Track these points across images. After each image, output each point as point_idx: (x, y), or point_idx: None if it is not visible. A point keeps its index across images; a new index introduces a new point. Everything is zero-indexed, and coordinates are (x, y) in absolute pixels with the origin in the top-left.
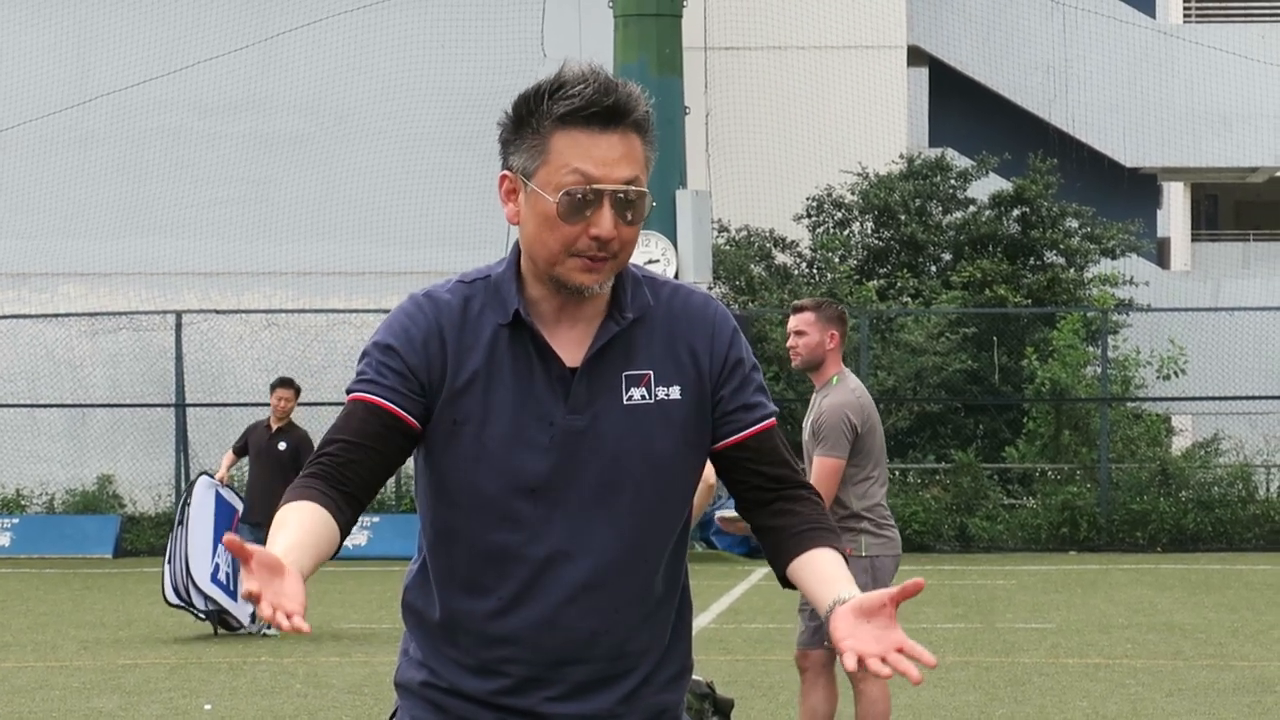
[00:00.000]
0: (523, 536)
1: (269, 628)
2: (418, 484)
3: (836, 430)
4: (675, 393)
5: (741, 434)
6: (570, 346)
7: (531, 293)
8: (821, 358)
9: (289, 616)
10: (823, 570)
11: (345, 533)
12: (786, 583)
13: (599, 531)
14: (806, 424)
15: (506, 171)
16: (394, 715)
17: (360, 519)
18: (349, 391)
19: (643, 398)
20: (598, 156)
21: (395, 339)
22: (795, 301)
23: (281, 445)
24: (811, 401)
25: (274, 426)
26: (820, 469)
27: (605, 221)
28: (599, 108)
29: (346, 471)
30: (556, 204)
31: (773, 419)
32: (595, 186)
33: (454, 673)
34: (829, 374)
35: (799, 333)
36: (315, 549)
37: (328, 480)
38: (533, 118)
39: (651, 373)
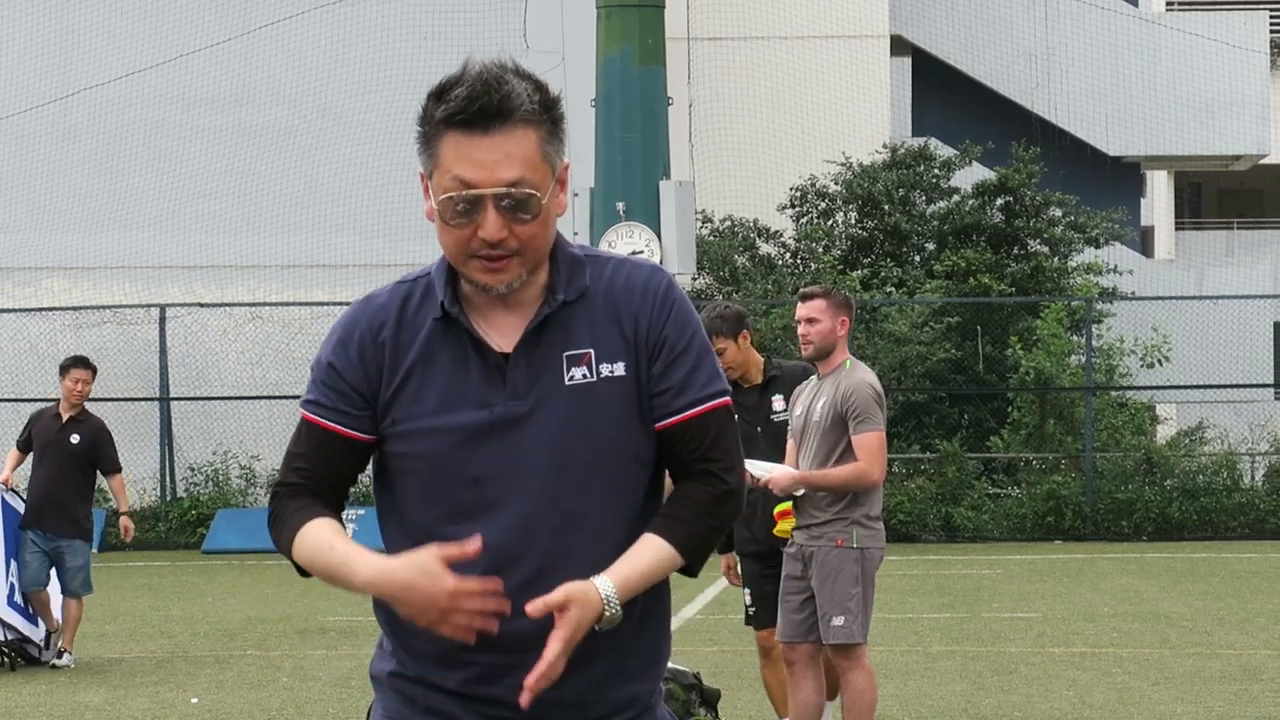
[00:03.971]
0: (471, 527)
1: (59, 657)
2: (373, 480)
3: (869, 404)
4: (619, 369)
5: (665, 421)
6: (507, 332)
7: (465, 286)
8: (833, 345)
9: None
10: (628, 551)
11: None
12: None
13: (550, 516)
14: (816, 408)
15: (421, 171)
16: (371, 708)
17: (345, 512)
18: (303, 403)
19: (584, 376)
20: (476, 160)
21: (335, 357)
22: (804, 289)
23: (74, 437)
24: (810, 389)
25: (65, 415)
26: (866, 444)
27: (489, 225)
28: (474, 110)
29: (320, 484)
30: (438, 209)
31: (701, 406)
32: (472, 193)
33: (421, 663)
34: (839, 360)
35: (811, 320)
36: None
37: (317, 495)
38: (427, 122)
39: (592, 350)
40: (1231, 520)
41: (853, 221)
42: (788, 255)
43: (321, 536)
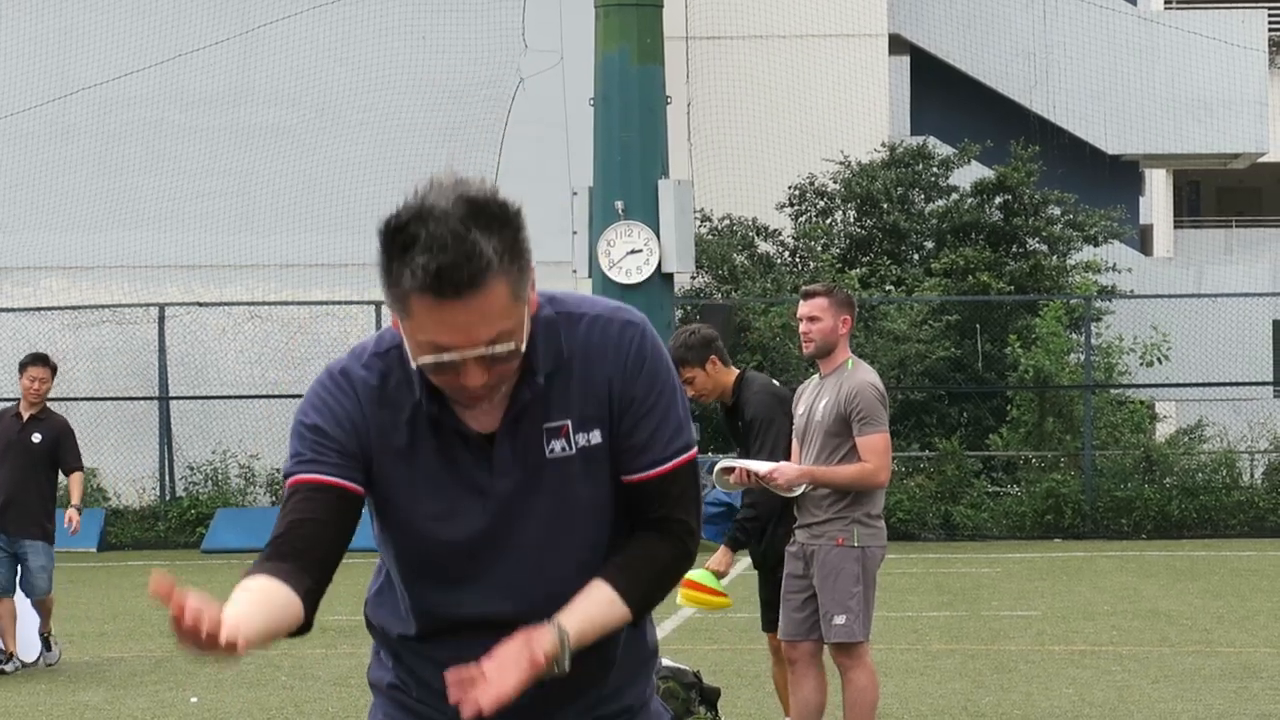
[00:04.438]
0: (462, 595)
1: (7, 663)
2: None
3: (873, 405)
4: (596, 436)
5: (629, 477)
6: (489, 411)
7: None
8: (835, 343)
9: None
10: (578, 597)
11: (311, 600)
12: None
13: (536, 579)
14: (818, 408)
15: (386, 298)
16: (371, 711)
17: None
18: (286, 475)
19: (563, 449)
20: (450, 325)
21: (321, 419)
22: (806, 287)
23: (36, 436)
24: (813, 388)
25: (25, 414)
26: (872, 445)
27: (472, 379)
28: (447, 284)
29: (301, 544)
30: (419, 368)
31: (664, 466)
32: (450, 356)
33: (422, 690)
34: (840, 359)
35: (813, 319)
36: (266, 613)
37: (284, 557)
38: (389, 272)
39: (569, 422)
40: (1231, 518)
41: (851, 220)
42: (786, 254)
43: (231, 598)
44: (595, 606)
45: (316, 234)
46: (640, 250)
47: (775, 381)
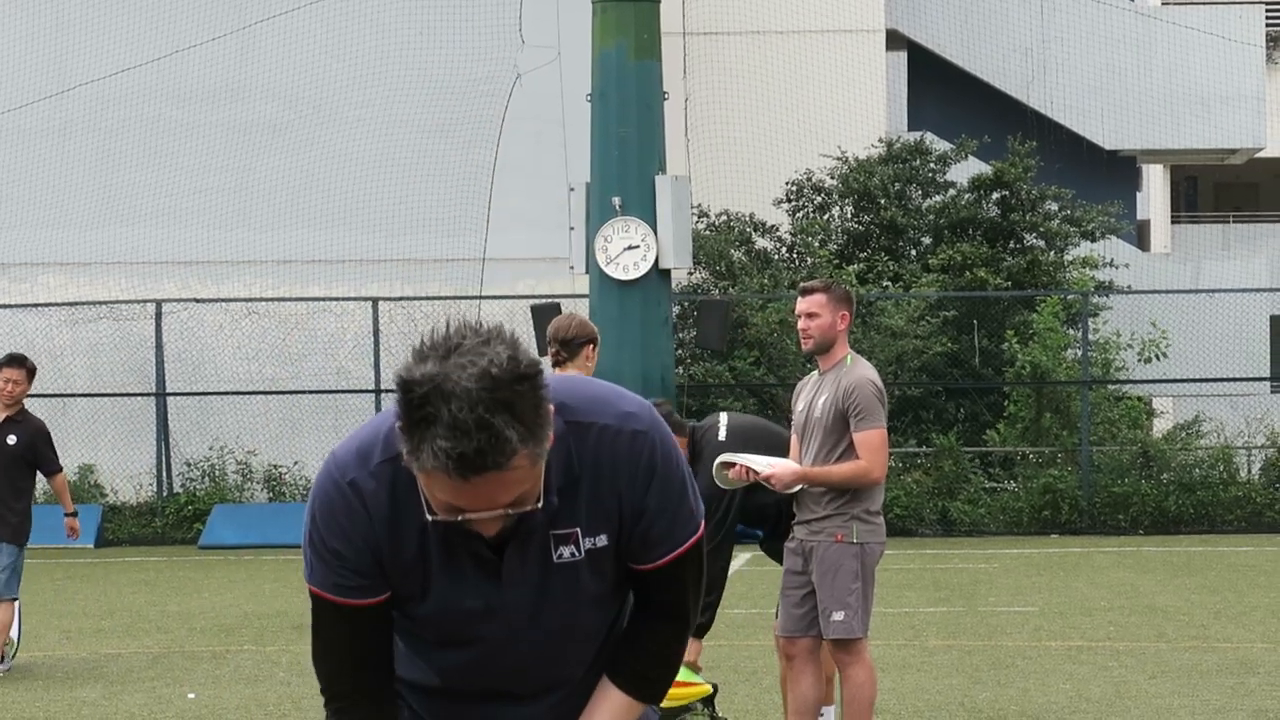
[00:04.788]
0: (470, 670)
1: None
2: None
3: (871, 401)
4: (603, 540)
5: (638, 566)
6: (491, 532)
7: None
8: (833, 339)
9: None
10: (597, 709)
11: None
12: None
13: (543, 669)
14: (818, 404)
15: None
16: None
17: None
18: (315, 585)
19: (572, 555)
20: (470, 495)
21: (339, 543)
22: (804, 284)
23: (11, 439)
24: (812, 385)
25: (1, 416)
26: (868, 442)
27: (488, 530)
28: (469, 469)
29: (375, 679)
30: (435, 521)
31: (674, 553)
32: (468, 517)
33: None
34: (839, 355)
35: (811, 315)
36: None
37: (361, 693)
38: (409, 436)
39: (578, 529)
40: (1228, 514)
41: (849, 216)
42: (784, 249)
43: None
44: (611, 718)
45: (314, 230)
46: (637, 246)
47: (721, 426)
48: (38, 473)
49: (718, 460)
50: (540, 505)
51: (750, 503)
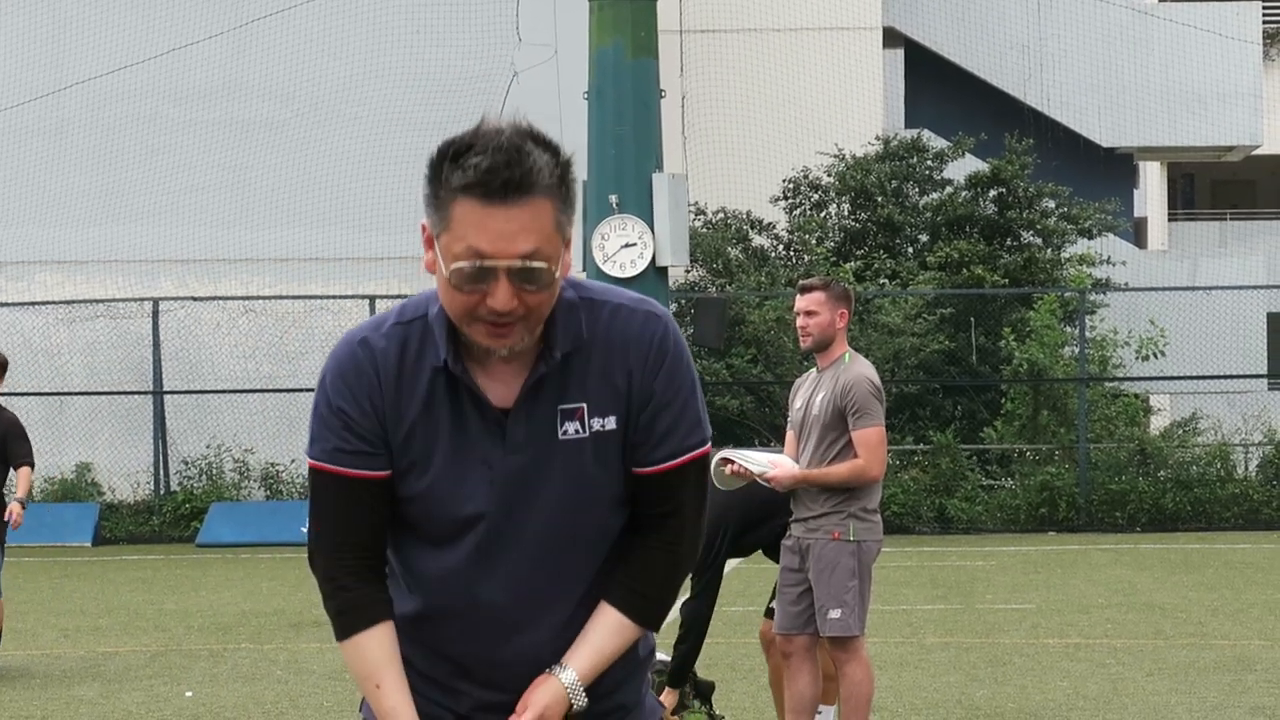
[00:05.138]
0: (464, 577)
1: None
2: None
3: (868, 399)
4: (610, 423)
5: (640, 469)
6: (506, 383)
7: (464, 336)
8: (832, 337)
9: None
10: (589, 628)
11: (388, 596)
12: None
13: (540, 563)
14: (815, 401)
15: (425, 222)
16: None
17: None
18: (317, 459)
19: (577, 432)
20: (493, 230)
21: (344, 402)
22: (803, 281)
23: None
24: (810, 382)
25: None
26: (866, 440)
27: (500, 296)
28: (496, 182)
29: (372, 554)
30: (449, 277)
31: (677, 459)
32: (487, 263)
33: (413, 678)
34: (838, 353)
35: (810, 313)
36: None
37: (361, 575)
38: (438, 179)
39: (585, 405)
40: (1225, 511)
41: (846, 213)
42: (781, 247)
43: (376, 663)
44: (604, 641)
45: (311, 228)
46: (634, 244)
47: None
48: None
49: (716, 456)
50: (555, 281)
51: (744, 541)
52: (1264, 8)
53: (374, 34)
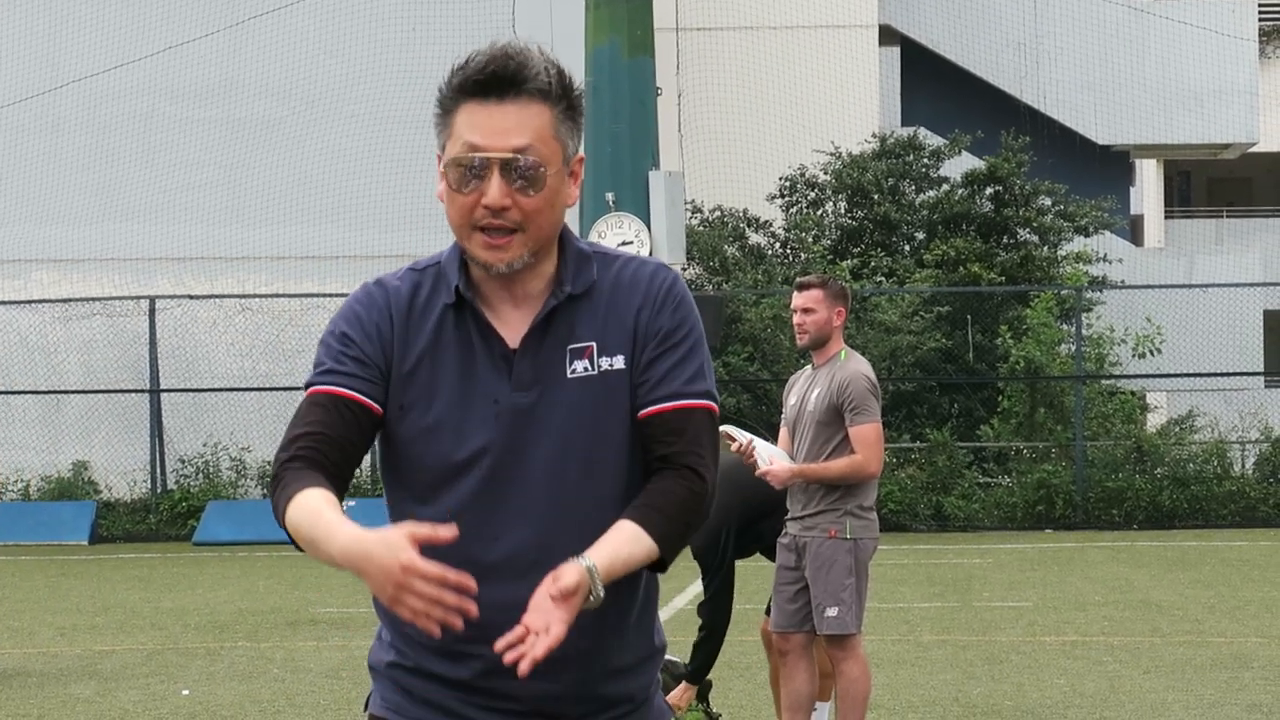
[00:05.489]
0: (474, 519)
1: None
2: (381, 476)
3: (865, 395)
4: (619, 362)
5: (645, 410)
6: (515, 325)
7: (475, 273)
8: (829, 335)
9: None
10: (606, 534)
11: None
12: None
13: (549, 507)
14: (811, 399)
15: (437, 151)
16: (369, 697)
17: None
18: (309, 385)
19: (585, 370)
20: (487, 126)
21: (350, 327)
22: (801, 279)
23: None
24: (804, 379)
25: None
26: (863, 436)
27: (493, 190)
28: (489, 75)
29: (327, 458)
30: (447, 174)
31: (682, 401)
32: (479, 155)
33: (420, 653)
34: (833, 350)
35: (807, 310)
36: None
37: (318, 468)
38: (444, 95)
39: (594, 344)
40: (1222, 508)
41: (842, 211)
42: (777, 245)
43: (313, 505)
44: (620, 542)
45: (307, 226)
46: (631, 242)
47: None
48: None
49: (724, 430)
50: (547, 181)
51: (746, 539)
52: (1260, 5)
53: (369, 32)
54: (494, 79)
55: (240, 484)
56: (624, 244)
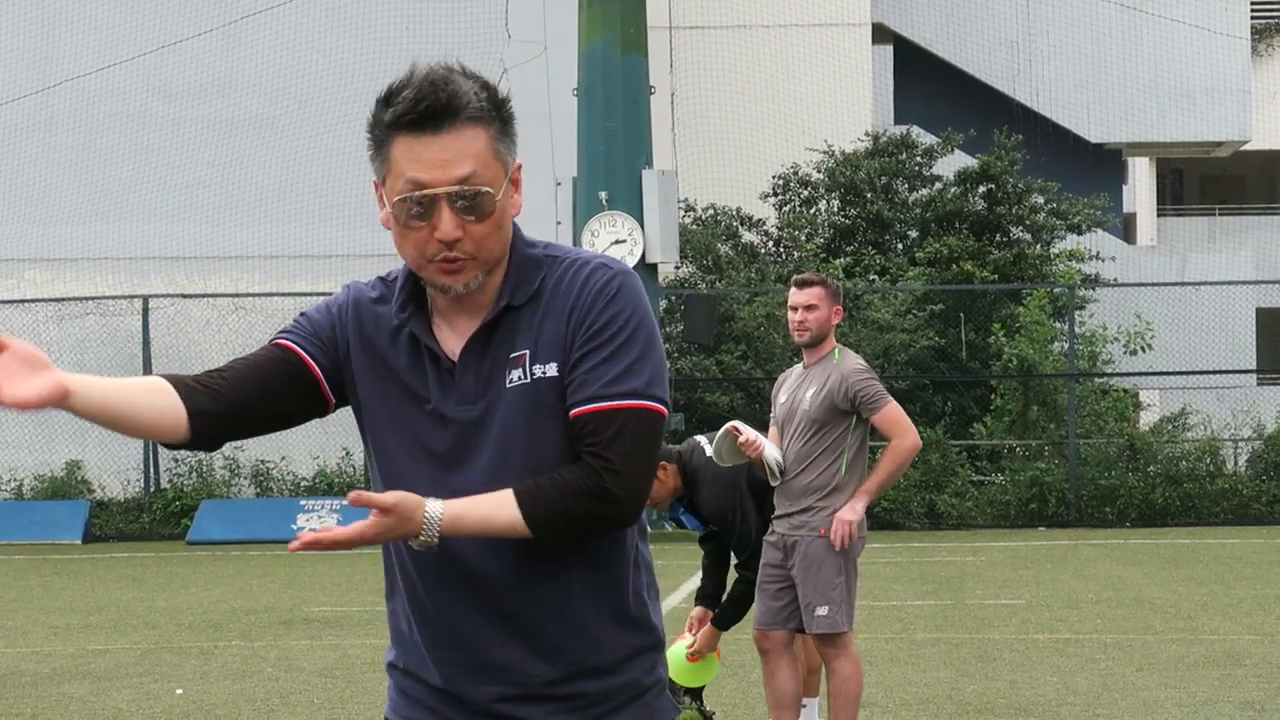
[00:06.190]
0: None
1: None
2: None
3: (872, 383)
4: (552, 369)
5: (572, 412)
6: (463, 335)
7: (429, 290)
8: (827, 333)
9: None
10: (481, 495)
11: (199, 418)
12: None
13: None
14: (805, 397)
15: (375, 179)
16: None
17: (329, 502)
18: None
19: (520, 378)
20: (426, 160)
21: (313, 311)
22: (801, 276)
23: None
24: (796, 377)
25: None
26: (889, 419)
27: (445, 225)
28: (420, 111)
29: (223, 376)
30: (393, 213)
31: (601, 404)
32: (425, 192)
33: (411, 656)
34: (827, 349)
35: (810, 308)
36: (123, 391)
37: (195, 380)
38: (376, 128)
39: (527, 352)
40: (1214, 506)
41: (835, 209)
42: (770, 243)
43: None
44: (486, 502)
45: (301, 225)
46: (624, 240)
47: (704, 444)
48: None
49: (726, 426)
50: (494, 206)
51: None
52: (1252, 3)
53: (363, 31)
54: (428, 112)
55: (233, 483)
56: (617, 242)
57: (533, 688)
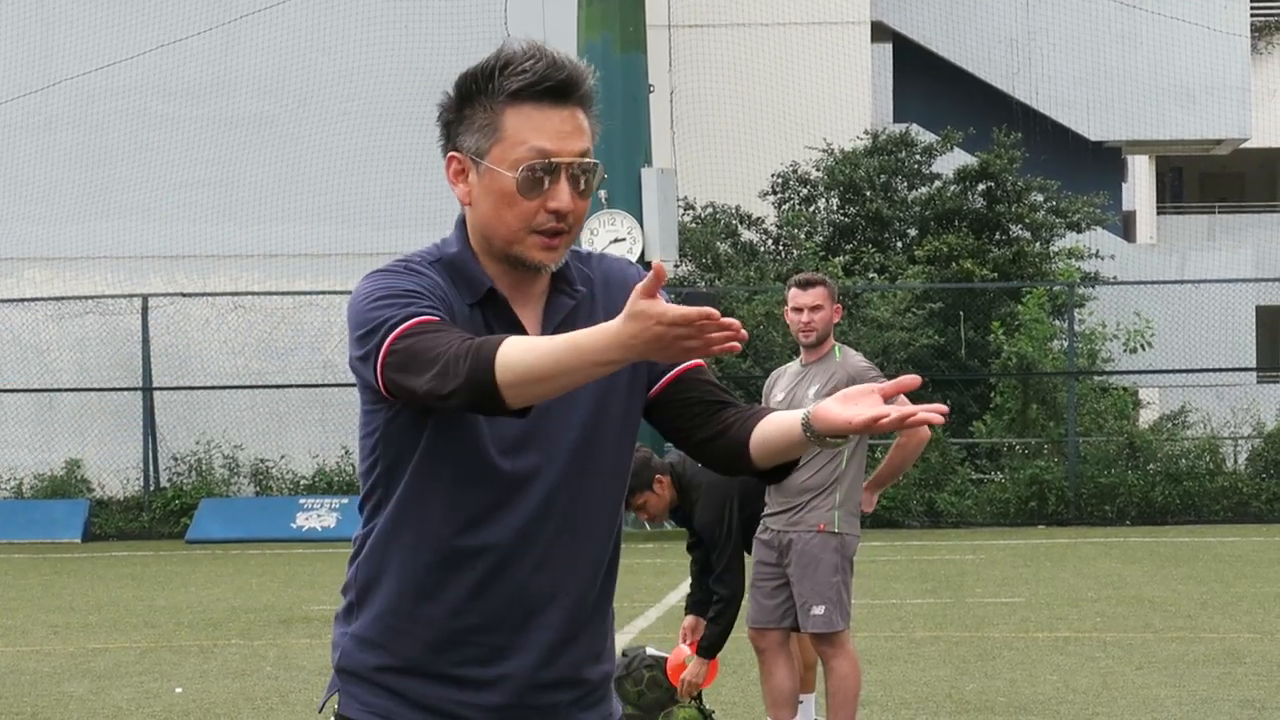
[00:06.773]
0: (498, 510)
1: None
2: (386, 452)
3: (880, 380)
4: None
5: (677, 370)
6: (530, 323)
7: (489, 271)
8: (829, 332)
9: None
10: (778, 418)
11: None
12: (754, 467)
13: (568, 499)
14: (807, 394)
15: (455, 153)
16: (335, 699)
17: (329, 501)
18: (391, 329)
19: None
20: (552, 130)
21: (408, 283)
22: (803, 277)
23: None
24: (792, 375)
25: None
26: None
27: (563, 194)
28: (552, 82)
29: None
30: (516, 180)
31: (695, 361)
32: (553, 160)
33: (414, 649)
34: (827, 347)
35: (816, 307)
36: None
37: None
38: (482, 95)
39: None
40: (1214, 504)
41: (835, 208)
42: (770, 242)
43: (526, 341)
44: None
45: (300, 224)
46: (624, 239)
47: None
48: None
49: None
50: (598, 171)
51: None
52: (1251, 1)
53: (362, 30)
54: (560, 84)
55: (233, 481)
56: (616, 240)
57: (564, 672)
